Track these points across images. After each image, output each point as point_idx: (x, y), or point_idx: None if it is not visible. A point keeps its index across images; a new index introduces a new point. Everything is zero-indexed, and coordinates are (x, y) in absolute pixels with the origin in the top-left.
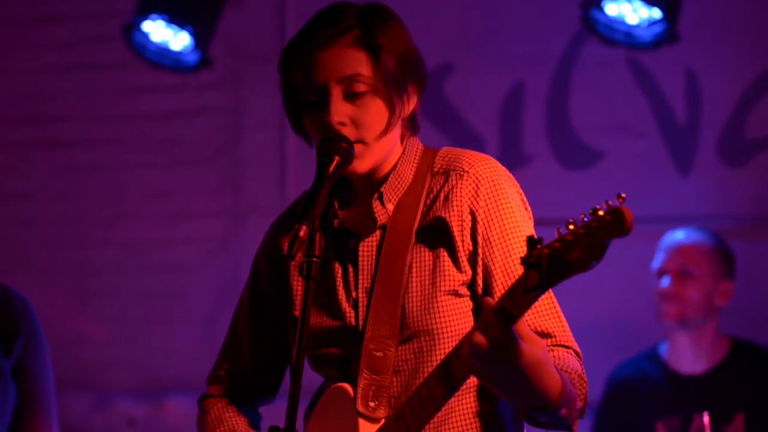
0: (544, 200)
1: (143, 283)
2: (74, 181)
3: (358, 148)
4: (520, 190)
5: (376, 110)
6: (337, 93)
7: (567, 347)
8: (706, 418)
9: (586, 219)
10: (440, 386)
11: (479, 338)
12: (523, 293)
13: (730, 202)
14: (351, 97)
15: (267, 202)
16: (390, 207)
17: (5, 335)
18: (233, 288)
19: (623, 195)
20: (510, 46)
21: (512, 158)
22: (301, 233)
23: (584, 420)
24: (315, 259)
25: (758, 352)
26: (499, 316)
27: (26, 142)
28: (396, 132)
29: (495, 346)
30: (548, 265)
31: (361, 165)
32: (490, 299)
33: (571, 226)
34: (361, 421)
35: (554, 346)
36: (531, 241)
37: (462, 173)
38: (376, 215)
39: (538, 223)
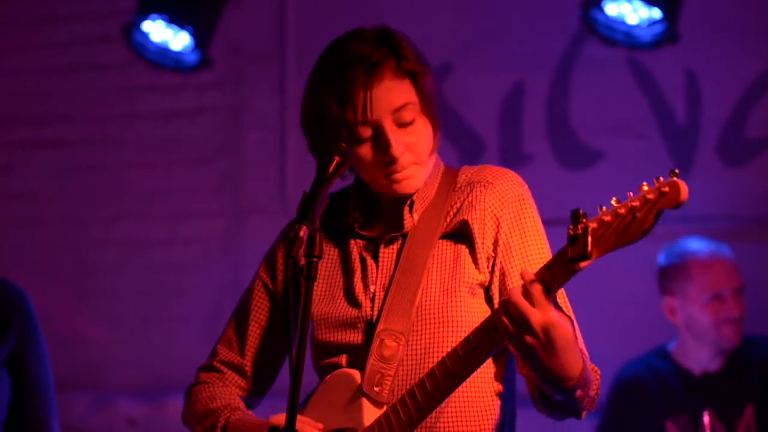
0: (544, 200)
1: (143, 283)
2: (74, 181)
3: (414, 170)
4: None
5: (424, 132)
6: (391, 125)
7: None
8: (706, 419)
9: (633, 194)
10: (458, 365)
11: (519, 297)
12: (567, 263)
13: (730, 202)
14: (402, 125)
15: (267, 202)
16: (416, 217)
17: None
18: (233, 288)
19: (677, 171)
20: (510, 46)
21: (512, 158)
22: (301, 233)
23: (589, 418)
24: (315, 259)
25: (764, 343)
26: (537, 285)
27: (26, 142)
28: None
29: (536, 304)
30: (594, 236)
31: (415, 185)
32: (528, 270)
33: (615, 202)
34: (365, 401)
35: None
36: (575, 215)
37: (487, 184)
38: (405, 222)
39: None
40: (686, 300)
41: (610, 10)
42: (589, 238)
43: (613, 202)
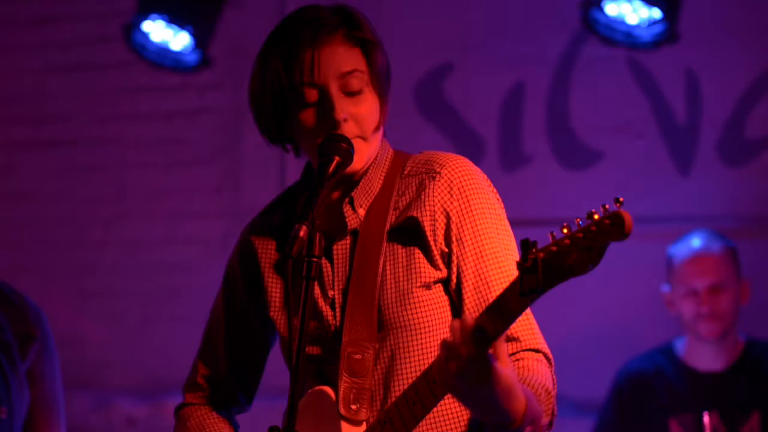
0: (544, 200)
1: (143, 283)
2: (74, 181)
3: (357, 144)
4: (494, 188)
5: (371, 105)
6: (337, 90)
7: (536, 350)
8: (706, 419)
9: (581, 223)
10: (428, 392)
11: (453, 354)
12: (519, 297)
13: (731, 202)
14: (349, 93)
15: (267, 202)
16: (361, 212)
17: (21, 339)
18: None
19: (621, 199)
20: (510, 46)
21: (512, 158)
22: (301, 233)
23: (586, 416)
24: (315, 259)
25: None
26: (476, 337)
27: (26, 142)
28: (381, 128)
29: (471, 363)
30: (544, 268)
31: (359, 162)
32: (468, 318)
33: (566, 230)
34: (344, 424)
35: (523, 351)
36: (525, 245)
37: (434, 174)
38: (347, 220)
39: (537, 224)
40: (674, 292)
41: (610, 10)
42: (540, 271)
43: (564, 231)
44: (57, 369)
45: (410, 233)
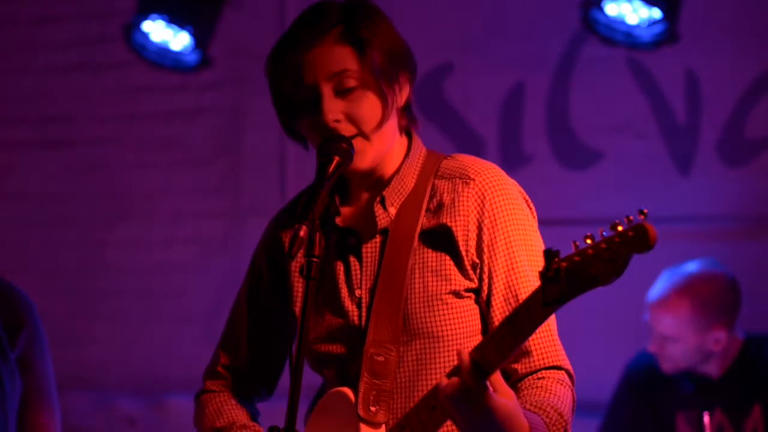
0: (544, 200)
1: (143, 283)
2: (74, 181)
3: (358, 143)
4: (526, 196)
5: (368, 103)
6: (327, 91)
7: (558, 368)
8: (706, 419)
9: (605, 234)
10: (429, 418)
11: (453, 387)
12: (541, 307)
13: (730, 202)
14: (342, 93)
15: (267, 202)
16: (392, 211)
17: (10, 327)
18: (233, 288)
19: (645, 210)
20: (510, 46)
21: (512, 158)
22: (301, 233)
23: (588, 417)
24: (315, 259)
25: None
26: (473, 371)
27: (26, 142)
28: (393, 123)
29: (469, 396)
30: (567, 278)
31: (363, 161)
32: (465, 353)
33: (589, 240)
34: (363, 426)
35: (545, 369)
36: (549, 254)
37: (468, 181)
38: (378, 219)
39: (537, 223)
40: None
41: (610, 10)
42: (563, 281)
43: (587, 241)
44: (48, 356)
45: (442, 239)
